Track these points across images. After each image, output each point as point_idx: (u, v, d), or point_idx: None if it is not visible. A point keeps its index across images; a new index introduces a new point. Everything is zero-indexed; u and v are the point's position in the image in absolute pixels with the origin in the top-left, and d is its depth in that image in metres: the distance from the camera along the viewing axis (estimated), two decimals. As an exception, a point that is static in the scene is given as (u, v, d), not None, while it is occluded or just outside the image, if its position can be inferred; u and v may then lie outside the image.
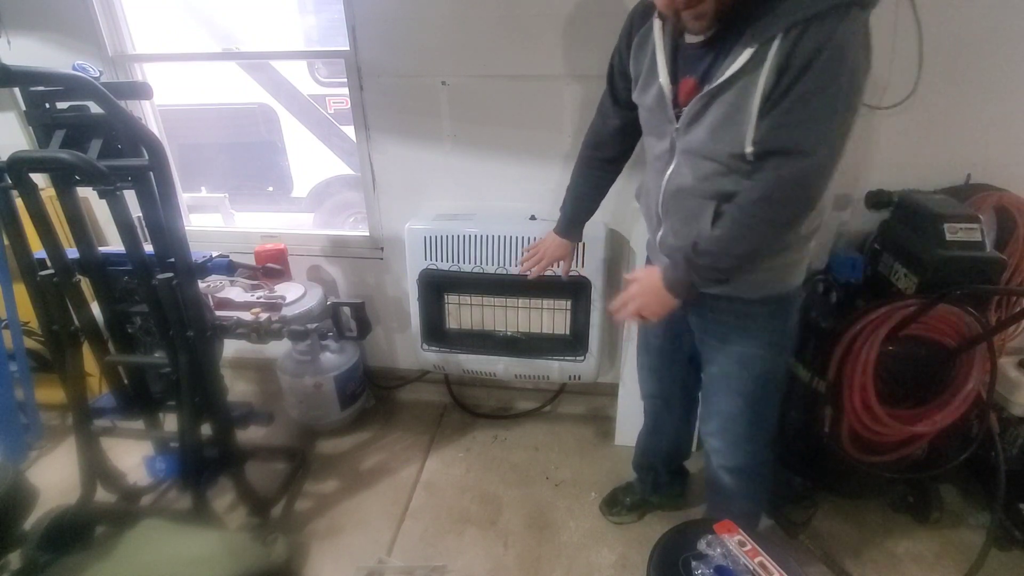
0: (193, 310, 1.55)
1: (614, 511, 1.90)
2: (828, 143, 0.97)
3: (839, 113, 0.95)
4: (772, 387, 1.37)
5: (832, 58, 0.90)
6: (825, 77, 0.91)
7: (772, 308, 1.26)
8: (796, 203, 1.05)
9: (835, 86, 0.92)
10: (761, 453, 1.46)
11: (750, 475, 1.48)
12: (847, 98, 0.94)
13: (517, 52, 1.83)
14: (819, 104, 0.94)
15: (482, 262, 1.94)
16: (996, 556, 1.70)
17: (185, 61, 2.33)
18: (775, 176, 1.02)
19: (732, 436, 1.43)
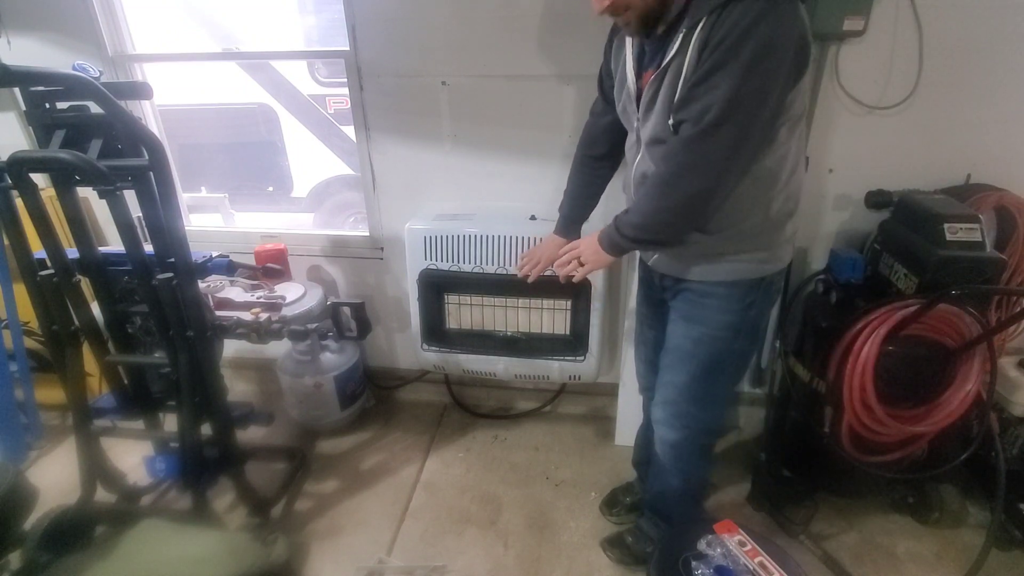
0: (193, 310, 1.55)
1: (614, 511, 1.91)
2: (724, 114, 1.01)
3: (737, 87, 0.99)
4: (721, 370, 1.39)
5: (739, 36, 0.97)
6: (729, 53, 0.98)
7: (729, 293, 1.29)
8: (694, 169, 1.09)
9: (736, 61, 0.98)
10: (699, 435, 1.48)
11: (686, 453, 1.50)
12: (747, 72, 0.98)
13: (517, 52, 1.83)
14: (719, 78, 1.00)
15: (482, 262, 1.94)
16: (996, 556, 1.70)
17: (185, 61, 2.34)
18: (677, 142, 1.10)
19: (673, 409, 1.46)
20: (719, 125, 1.03)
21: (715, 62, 1.00)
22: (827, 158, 1.84)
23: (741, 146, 1.06)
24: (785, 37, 0.99)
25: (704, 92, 1.03)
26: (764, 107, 1.03)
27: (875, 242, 1.77)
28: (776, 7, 0.97)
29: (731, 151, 1.06)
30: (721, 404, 1.48)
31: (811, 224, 1.93)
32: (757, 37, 0.96)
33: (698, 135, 1.05)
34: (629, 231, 1.22)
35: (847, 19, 1.58)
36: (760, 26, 0.96)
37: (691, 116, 1.06)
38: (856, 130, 1.78)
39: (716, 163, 1.07)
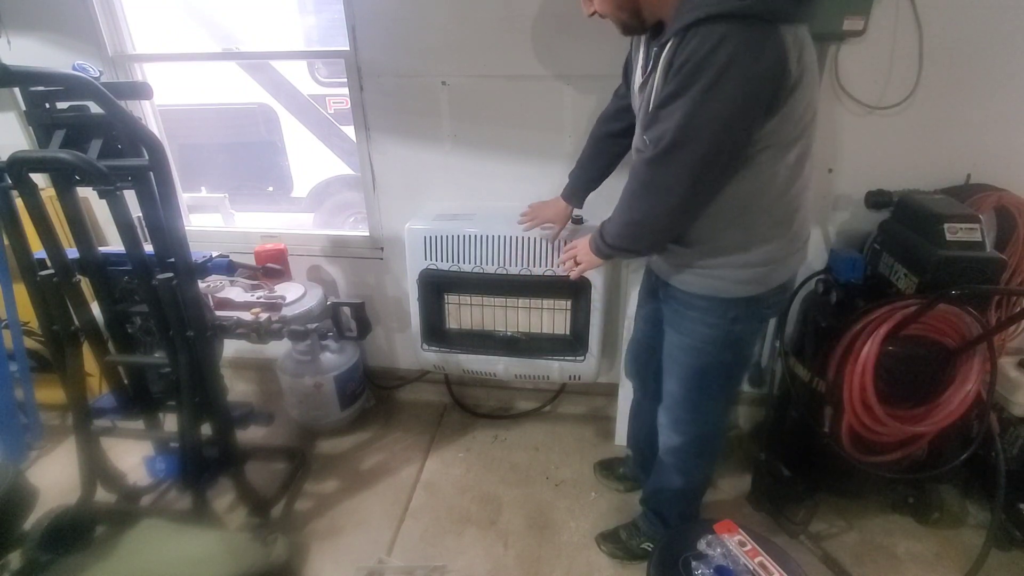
0: (193, 310, 1.55)
1: (604, 474, 2.06)
2: (677, 140, 1.02)
3: (692, 113, 0.99)
4: (709, 381, 1.39)
5: (697, 63, 0.96)
6: (688, 79, 0.98)
7: (709, 307, 1.29)
8: (653, 189, 1.12)
9: (694, 87, 0.97)
10: (698, 440, 1.50)
11: (688, 456, 1.53)
12: (703, 98, 0.97)
13: (517, 52, 1.83)
14: (677, 104, 1.01)
15: (482, 262, 1.94)
16: (996, 556, 1.70)
17: (185, 61, 2.33)
18: (639, 161, 1.13)
19: (673, 415, 1.50)
20: (673, 150, 1.03)
21: (675, 86, 1.00)
22: (827, 158, 1.84)
23: (700, 172, 1.05)
24: (750, 63, 0.95)
25: (664, 116, 1.04)
26: (725, 135, 1.01)
27: (875, 242, 1.77)
28: (744, 32, 0.93)
29: (687, 176, 1.06)
30: (716, 413, 1.48)
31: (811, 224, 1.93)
32: (716, 62, 0.94)
33: (656, 157, 1.07)
34: (608, 238, 1.28)
35: (847, 19, 1.58)
36: (719, 52, 0.93)
37: (652, 138, 1.08)
38: (856, 130, 1.78)
39: (673, 186, 1.08)
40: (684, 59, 0.97)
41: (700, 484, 1.65)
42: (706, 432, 1.49)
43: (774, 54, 0.96)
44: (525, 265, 1.92)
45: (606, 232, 1.28)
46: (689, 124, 1.00)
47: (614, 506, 1.96)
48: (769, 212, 1.18)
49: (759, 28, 0.94)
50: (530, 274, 1.92)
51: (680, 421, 1.48)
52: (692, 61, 0.96)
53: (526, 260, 1.91)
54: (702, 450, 1.53)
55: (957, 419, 1.51)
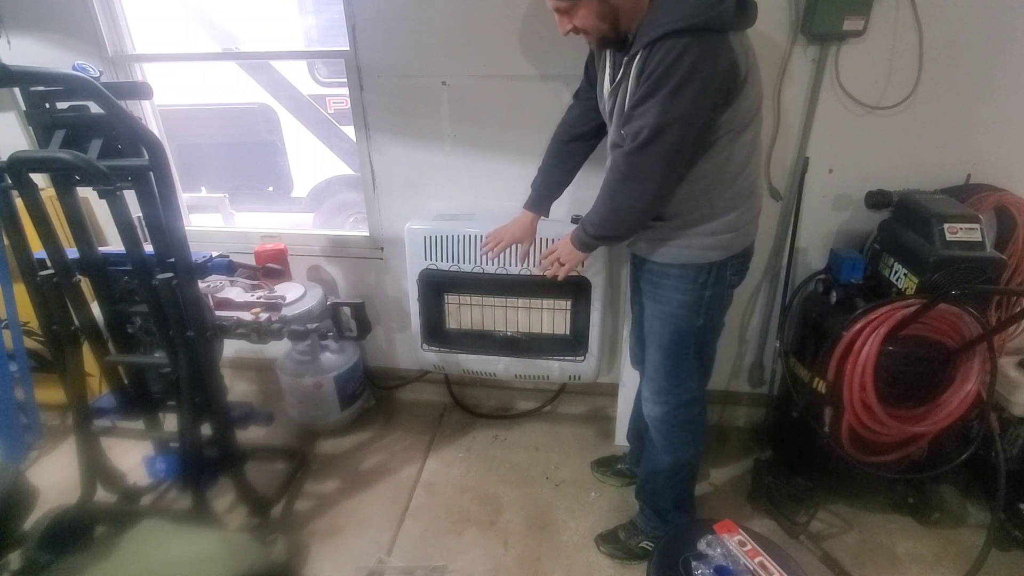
0: (193, 310, 1.55)
1: (601, 469, 2.10)
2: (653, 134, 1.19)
3: (664, 112, 1.16)
4: (686, 347, 1.50)
5: (665, 69, 1.13)
6: (658, 83, 1.15)
7: (682, 274, 1.43)
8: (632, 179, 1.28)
9: (664, 90, 1.15)
10: (679, 408, 1.58)
11: (672, 427, 1.60)
12: (672, 99, 1.15)
13: (517, 52, 1.83)
14: (650, 104, 1.18)
15: (482, 262, 1.94)
16: (996, 556, 1.70)
17: (185, 61, 2.33)
18: (619, 155, 1.29)
19: (655, 385, 1.59)
20: (649, 143, 1.20)
21: (647, 89, 1.17)
22: (827, 158, 1.84)
23: (672, 159, 1.23)
24: (708, 67, 1.13)
25: (639, 115, 1.20)
26: (692, 127, 1.19)
27: (875, 242, 1.77)
28: (700, 42, 1.11)
29: (662, 164, 1.23)
30: (693, 378, 1.56)
31: (811, 224, 1.93)
32: (681, 69, 1.12)
33: (634, 151, 1.23)
34: (591, 229, 1.40)
35: (847, 19, 1.58)
36: (683, 59, 1.11)
37: (629, 134, 1.24)
38: (856, 130, 1.78)
39: (650, 174, 1.25)
40: (653, 68, 1.15)
41: (688, 463, 1.66)
42: (686, 400, 1.57)
43: (726, 58, 1.15)
44: (525, 265, 1.92)
45: (588, 224, 1.40)
46: (661, 120, 1.17)
47: (614, 506, 1.96)
48: (730, 186, 1.34)
49: (713, 38, 1.13)
50: (530, 274, 1.92)
51: (661, 390, 1.57)
52: (660, 69, 1.13)
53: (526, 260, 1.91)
54: (684, 421, 1.59)
55: (957, 419, 1.51)
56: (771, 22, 1.67)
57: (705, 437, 1.66)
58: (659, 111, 1.16)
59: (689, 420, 1.60)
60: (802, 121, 1.78)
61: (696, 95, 1.15)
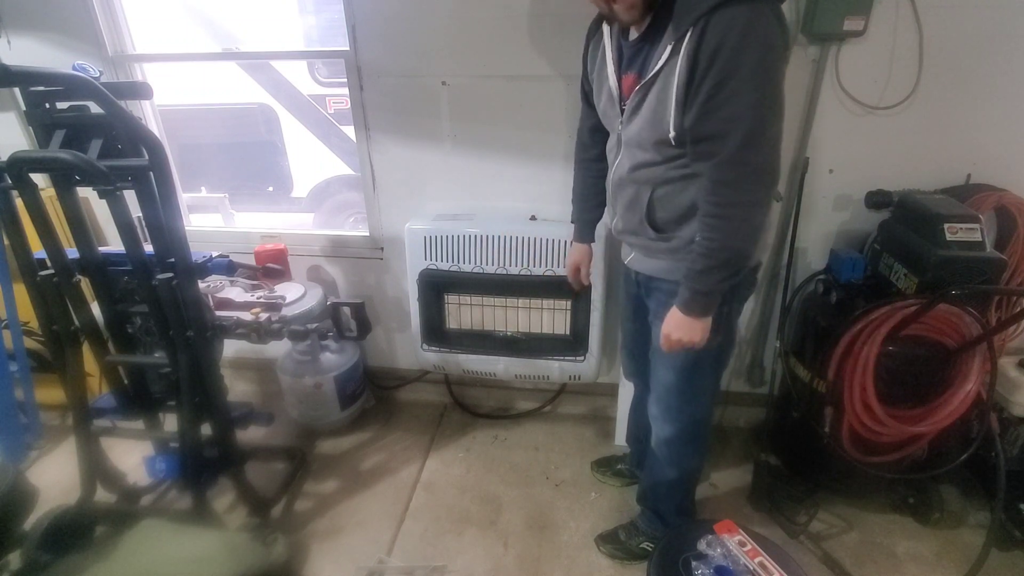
0: (193, 310, 1.55)
1: (601, 469, 2.08)
2: (746, 121, 1.02)
3: (749, 94, 1.00)
4: (700, 367, 1.40)
5: (733, 48, 0.96)
6: (730, 66, 0.98)
7: None
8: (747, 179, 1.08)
9: (740, 73, 0.98)
10: (691, 427, 1.51)
11: (680, 445, 1.55)
12: (754, 79, 0.99)
13: (517, 52, 1.83)
14: (729, 91, 1.00)
15: (482, 262, 1.94)
16: (996, 556, 1.70)
17: (185, 61, 2.33)
18: (713, 167, 1.08)
19: (665, 405, 1.50)
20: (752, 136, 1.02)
21: (719, 76, 0.99)
22: (827, 158, 1.84)
23: (777, 143, 1.06)
24: (776, 38, 1.00)
25: (722, 104, 1.01)
26: (782, 108, 1.04)
27: (875, 242, 1.77)
28: (767, 10, 0.98)
29: (771, 154, 1.06)
30: (707, 397, 1.50)
31: (811, 224, 1.93)
32: (756, 42, 0.96)
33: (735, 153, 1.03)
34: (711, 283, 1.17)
35: (847, 19, 1.58)
36: (756, 32, 0.96)
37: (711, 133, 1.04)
38: (856, 130, 1.78)
39: (762, 171, 1.07)
40: (717, 44, 0.97)
41: (693, 474, 1.66)
42: (697, 419, 1.51)
43: (783, 29, 1.02)
44: (525, 265, 1.92)
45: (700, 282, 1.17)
46: (758, 104, 1.00)
47: (614, 506, 1.96)
48: None
49: (772, 6, 0.99)
50: (530, 274, 1.92)
51: (672, 409, 1.49)
52: (729, 44, 0.96)
53: (526, 260, 1.91)
54: (693, 437, 1.55)
55: (957, 419, 1.51)
56: (771, 22, 1.67)
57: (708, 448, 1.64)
58: (751, 98, 0.99)
59: (697, 436, 1.56)
60: (802, 121, 1.78)
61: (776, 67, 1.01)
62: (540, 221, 1.95)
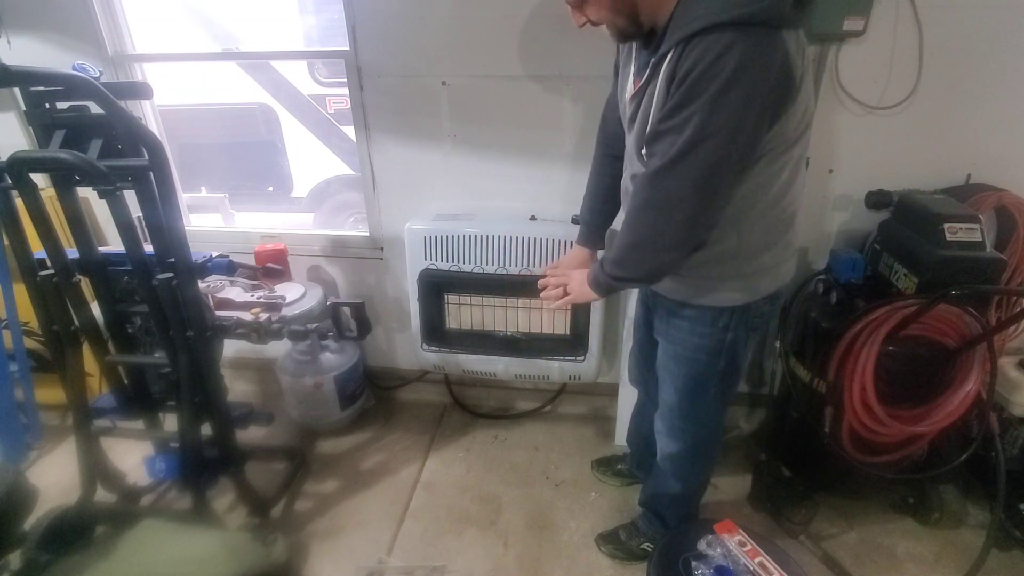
0: (193, 310, 1.55)
1: (601, 470, 2.08)
2: (686, 150, 0.98)
3: (702, 124, 0.95)
4: (704, 389, 1.37)
5: (703, 71, 0.93)
6: (694, 89, 0.94)
7: (699, 315, 1.27)
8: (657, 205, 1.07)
9: (701, 97, 0.94)
10: (695, 448, 1.50)
11: (685, 462, 1.54)
12: (712, 108, 0.94)
13: (517, 52, 1.83)
14: (685, 114, 0.97)
15: (482, 262, 1.94)
16: (996, 556, 1.70)
17: (185, 61, 2.33)
18: (644, 177, 1.08)
19: (669, 423, 1.49)
20: (680, 161, 0.99)
21: (681, 97, 0.96)
22: (827, 158, 1.84)
23: (708, 182, 1.01)
24: (757, 70, 0.92)
25: (672, 128, 0.99)
26: (735, 143, 0.98)
27: (875, 242, 1.77)
28: (747, 38, 0.91)
29: (694, 188, 1.01)
30: (712, 419, 1.48)
31: (811, 224, 1.93)
32: (724, 71, 0.91)
33: (661, 171, 1.03)
34: (607, 267, 1.20)
35: (847, 19, 1.58)
36: (725, 59, 0.91)
37: (658, 151, 1.03)
38: (856, 130, 1.78)
39: (679, 201, 1.03)
40: (688, 69, 0.94)
41: (698, 489, 1.65)
42: (703, 437, 1.49)
43: (781, 61, 0.94)
44: (525, 265, 1.92)
45: (606, 261, 1.21)
46: (698, 134, 0.96)
47: (614, 506, 1.96)
48: (763, 220, 1.15)
49: (766, 35, 0.92)
50: (530, 274, 1.92)
51: (676, 428, 1.48)
52: (697, 70, 0.93)
53: (526, 260, 1.91)
54: (699, 455, 1.53)
55: (957, 419, 1.51)
56: (771, 22, 1.67)
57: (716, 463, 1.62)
58: (697, 123, 0.95)
59: (704, 454, 1.54)
60: (802, 121, 1.78)
61: (742, 104, 0.93)
62: (540, 221, 1.95)
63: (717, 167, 1.00)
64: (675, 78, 0.98)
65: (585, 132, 1.87)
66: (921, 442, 1.62)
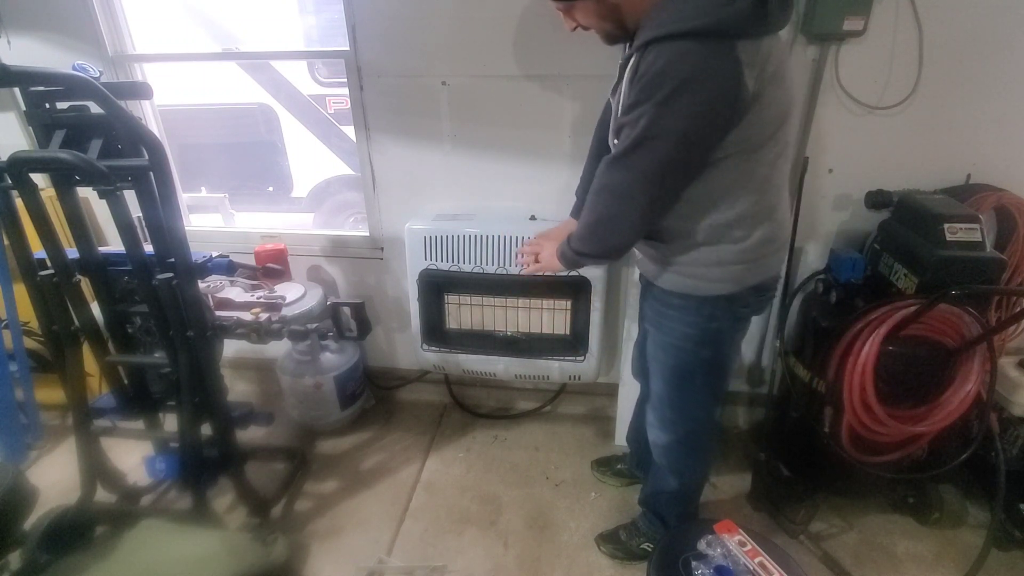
0: (193, 310, 1.55)
1: (601, 470, 2.08)
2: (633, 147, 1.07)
3: (649, 124, 1.04)
4: (691, 380, 1.40)
5: (654, 76, 1.00)
6: (644, 92, 1.02)
7: (684, 304, 1.31)
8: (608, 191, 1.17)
9: (651, 100, 1.02)
10: (686, 440, 1.51)
11: (678, 455, 1.55)
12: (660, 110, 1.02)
13: (517, 52, 1.83)
14: (636, 113, 1.05)
15: (482, 262, 1.94)
16: (996, 556, 1.70)
17: (185, 61, 2.33)
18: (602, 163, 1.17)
19: (659, 414, 1.51)
20: (630, 154, 1.08)
21: (635, 98, 1.04)
22: (827, 158, 1.84)
23: (656, 176, 1.09)
24: (707, 79, 0.99)
25: (627, 123, 1.08)
26: (682, 144, 1.05)
27: (875, 242, 1.77)
28: (701, 48, 0.97)
29: (643, 179, 1.10)
30: (702, 410, 1.48)
31: (811, 224, 1.93)
32: (674, 78, 0.98)
33: (614, 160, 1.12)
34: (572, 242, 1.29)
35: (847, 19, 1.58)
36: (677, 66, 0.98)
37: (618, 142, 1.12)
38: (856, 130, 1.78)
39: (629, 189, 1.12)
40: (643, 71, 1.02)
41: (695, 484, 1.66)
42: (692, 430, 1.50)
43: (729, 72, 0.99)
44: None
45: (571, 237, 1.30)
46: (647, 132, 1.04)
47: (614, 506, 1.96)
48: (738, 212, 1.19)
49: (715, 46, 0.98)
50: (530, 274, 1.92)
51: (666, 419, 1.50)
52: (650, 74, 1.00)
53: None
54: (691, 448, 1.54)
55: (957, 419, 1.51)
56: (771, 22, 1.67)
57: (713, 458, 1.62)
58: (646, 121, 1.03)
59: (697, 447, 1.54)
60: (802, 121, 1.78)
61: (690, 109, 1.01)
62: (540, 221, 1.95)
63: (663, 164, 1.08)
64: (634, 79, 1.05)
65: (584, 131, 1.86)
66: (921, 442, 1.62)
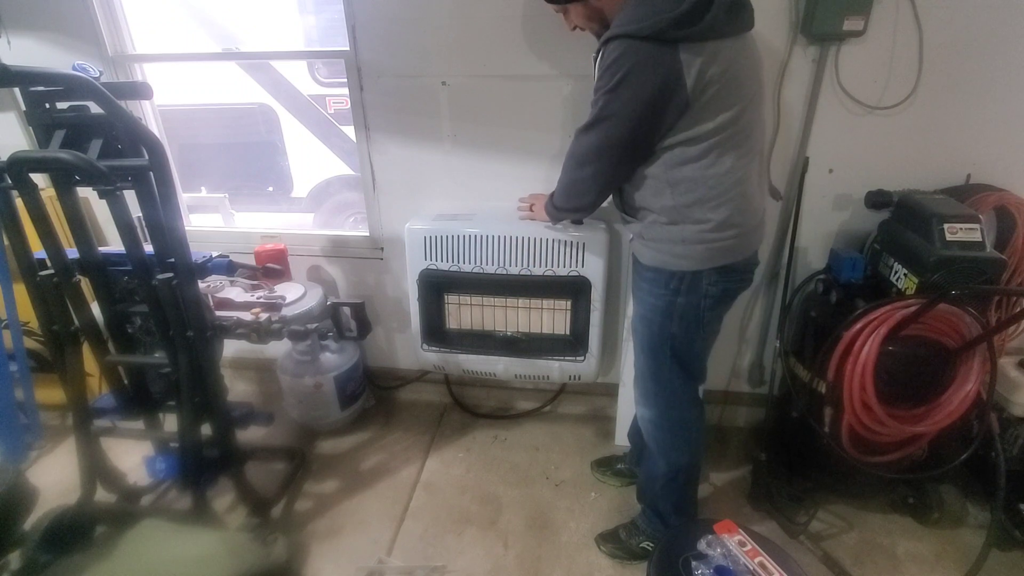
0: (193, 310, 1.55)
1: (601, 469, 2.10)
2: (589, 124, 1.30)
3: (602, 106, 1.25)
4: (662, 351, 1.50)
5: (605, 69, 1.22)
6: (601, 80, 1.24)
7: (655, 277, 1.44)
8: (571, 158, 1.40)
9: (604, 88, 1.23)
10: (668, 416, 1.58)
11: (660, 430, 1.61)
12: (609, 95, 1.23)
13: (517, 52, 1.83)
14: (594, 98, 1.27)
15: (482, 262, 1.94)
16: (996, 556, 1.70)
17: (185, 61, 2.34)
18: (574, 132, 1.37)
19: (641, 387, 1.61)
20: (588, 130, 1.30)
21: (596, 84, 1.26)
22: (827, 158, 1.84)
23: (606, 151, 1.31)
24: (643, 75, 1.18)
25: (591, 103, 1.29)
26: (624, 127, 1.25)
27: (875, 242, 1.77)
28: (640, 49, 1.16)
29: (596, 152, 1.32)
30: (676, 388, 1.53)
31: (811, 224, 1.93)
32: (619, 71, 1.19)
33: (577, 133, 1.34)
34: (554, 199, 1.56)
35: (847, 19, 1.58)
36: (621, 62, 1.18)
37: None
38: (856, 130, 1.78)
39: (587, 157, 1.35)
40: (602, 62, 1.23)
41: (684, 469, 1.64)
42: (673, 403, 1.56)
43: (667, 69, 1.17)
44: (525, 265, 1.92)
45: (553, 194, 1.57)
46: (600, 113, 1.26)
47: (614, 506, 1.96)
48: (697, 196, 1.31)
49: (654, 48, 1.16)
50: (530, 274, 1.92)
51: (648, 393, 1.58)
52: (605, 64, 1.21)
53: (526, 260, 1.91)
54: (673, 425, 1.58)
55: (957, 419, 1.51)
56: (771, 22, 1.67)
57: (702, 444, 1.63)
58: (601, 103, 1.25)
59: (680, 424, 1.58)
60: (802, 121, 1.78)
61: (629, 98, 1.21)
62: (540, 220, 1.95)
63: (612, 141, 1.28)
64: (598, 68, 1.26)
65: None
66: (921, 442, 1.62)
